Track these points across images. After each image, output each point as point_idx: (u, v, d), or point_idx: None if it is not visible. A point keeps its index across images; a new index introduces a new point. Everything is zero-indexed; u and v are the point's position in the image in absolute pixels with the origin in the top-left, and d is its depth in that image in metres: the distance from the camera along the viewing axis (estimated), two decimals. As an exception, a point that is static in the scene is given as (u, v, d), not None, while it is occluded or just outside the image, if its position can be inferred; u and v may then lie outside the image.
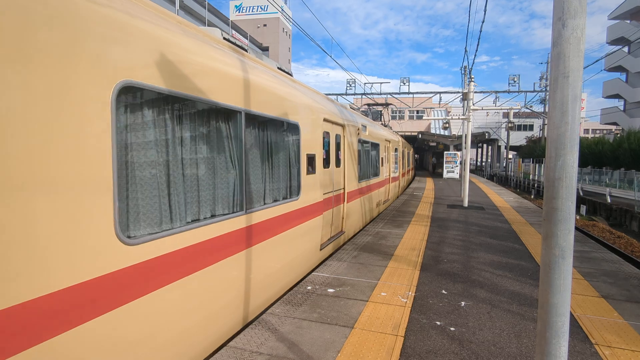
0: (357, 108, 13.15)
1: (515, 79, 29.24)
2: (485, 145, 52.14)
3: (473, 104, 14.03)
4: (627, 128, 30.95)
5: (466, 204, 12.74)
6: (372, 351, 3.27)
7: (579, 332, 3.67)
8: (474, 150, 58.76)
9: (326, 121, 6.28)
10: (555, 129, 1.69)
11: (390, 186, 13.70)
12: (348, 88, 30.79)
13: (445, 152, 30.41)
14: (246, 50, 4.45)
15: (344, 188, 7.36)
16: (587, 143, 30.64)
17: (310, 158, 5.41)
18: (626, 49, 36.02)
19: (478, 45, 12.42)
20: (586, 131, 65.80)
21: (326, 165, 6.32)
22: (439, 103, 32.85)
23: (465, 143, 14.19)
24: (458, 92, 29.81)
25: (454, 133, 34.12)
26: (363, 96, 20.82)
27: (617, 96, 37.88)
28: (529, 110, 31.92)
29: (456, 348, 3.35)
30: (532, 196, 24.25)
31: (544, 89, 33.67)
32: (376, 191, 10.76)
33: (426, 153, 52.13)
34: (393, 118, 50.64)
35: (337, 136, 7.01)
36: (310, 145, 5.42)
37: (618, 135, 31.78)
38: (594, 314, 4.08)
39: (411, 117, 51.49)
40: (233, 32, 36.26)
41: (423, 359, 3.16)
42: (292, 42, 59.77)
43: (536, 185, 26.61)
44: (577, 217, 15.81)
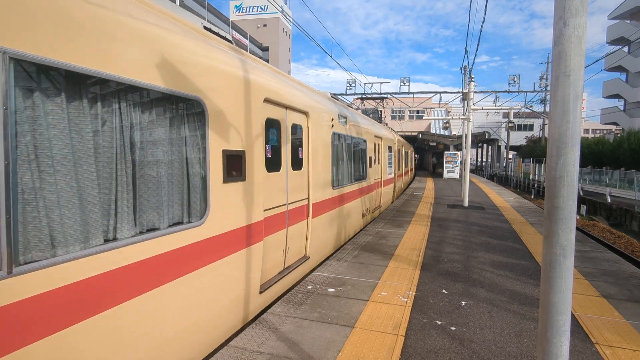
0: (357, 108, 12.95)
1: (515, 79, 29.23)
2: (485, 145, 52.17)
3: (473, 104, 14.04)
4: (627, 128, 30.97)
5: (466, 204, 12.74)
6: (373, 351, 3.27)
7: (580, 332, 3.67)
8: (474, 150, 58.76)
9: (270, 103, 4.54)
10: (556, 128, 1.70)
11: (382, 191, 12.02)
12: (348, 88, 30.78)
13: (445, 152, 30.43)
14: None
15: (309, 198, 5.70)
16: (587, 143, 30.65)
17: (232, 157, 3.70)
18: (626, 49, 36.03)
19: (478, 45, 12.44)
20: (586, 131, 65.77)
21: (273, 167, 4.65)
22: (439, 103, 32.82)
23: (465, 143, 14.20)
24: (458, 92, 29.80)
25: (454, 133, 34.14)
26: (363, 96, 20.85)
27: (617, 96, 37.89)
28: (529, 110, 31.92)
29: (457, 347, 3.35)
30: (532, 196, 24.24)
31: (544, 89, 33.66)
32: (361, 198, 9.02)
33: (426, 153, 52.15)
34: (393, 118, 50.65)
35: (297, 127, 5.40)
36: (232, 136, 3.69)
37: (618, 135, 31.81)
38: (595, 314, 4.08)
39: (411, 117, 51.49)
40: (233, 32, 36.27)
41: (424, 359, 3.17)
42: (293, 42, 59.85)
43: (536, 185, 26.60)
44: (578, 217, 15.79)
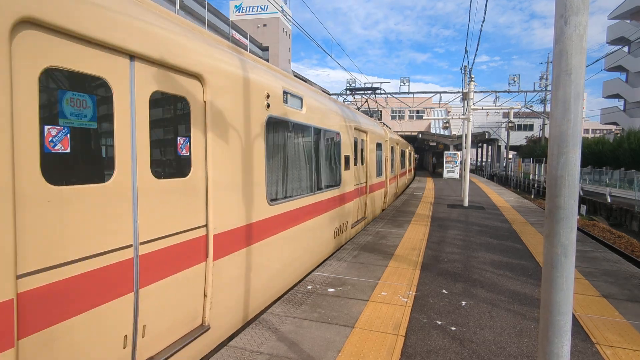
0: (358, 107, 12.82)
1: (515, 79, 29.27)
2: (485, 145, 52.16)
3: (473, 104, 14.03)
4: (627, 128, 30.98)
5: (466, 204, 12.73)
6: (373, 351, 3.26)
7: (580, 332, 3.66)
8: (474, 150, 58.77)
9: (87, 43, 2.23)
10: (557, 127, 1.68)
11: (368, 199, 9.65)
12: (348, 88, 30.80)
13: (445, 152, 30.41)
14: None
15: (207, 226, 3.34)
16: (587, 143, 30.65)
17: None
18: (626, 49, 36.03)
19: (478, 45, 12.42)
20: (586, 131, 65.76)
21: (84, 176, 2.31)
22: (439, 103, 32.86)
23: (465, 143, 14.19)
24: (458, 92, 29.80)
25: (454, 133, 34.14)
26: (363, 96, 20.88)
27: (617, 96, 37.90)
28: (529, 110, 31.94)
29: (457, 348, 3.34)
30: (532, 196, 24.23)
31: (544, 89, 33.67)
32: (332, 212, 6.71)
33: (426, 153, 52.12)
34: (393, 118, 50.63)
35: (171, 100, 2.94)
36: None
37: (618, 135, 31.81)
38: (595, 314, 4.08)
39: (411, 117, 51.46)
40: (233, 32, 36.23)
41: (424, 359, 3.16)
42: (293, 42, 59.82)
43: (536, 185, 26.60)
44: (578, 217, 15.75)
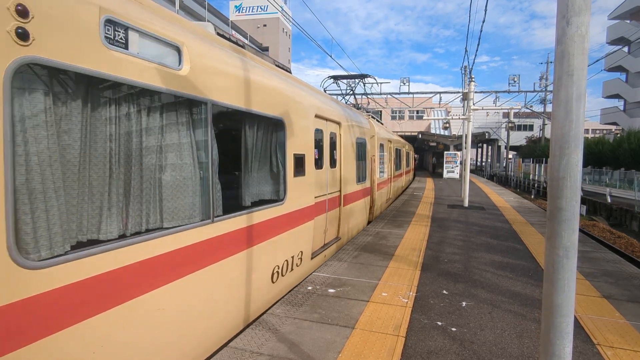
0: (359, 107, 12.63)
1: (515, 79, 29.23)
2: (485, 145, 52.14)
3: (473, 104, 14.02)
4: (627, 128, 30.97)
5: (466, 204, 12.72)
6: (374, 352, 3.25)
7: (581, 333, 3.65)
8: (474, 150, 58.73)
9: None
10: (559, 128, 1.67)
11: (340, 213, 7.20)
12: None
13: (445, 152, 30.41)
14: None
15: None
16: (587, 143, 30.64)
17: None
18: (626, 49, 36.02)
19: (478, 45, 12.41)
20: (586, 131, 65.72)
21: None
22: (439, 103, 32.80)
23: (465, 143, 14.19)
24: (458, 92, 29.77)
25: (454, 133, 34.11)
26: (363, 96, 20.80)
27: (617, 96, 37.91)
28: (529, 110, 31.92)
29: (457, 348, 3.33)
30: (533, 196, 24.23)
31: (544, 89, 33.66)
32: (268, 242, 4.35)
33: (426, 153, 52.12)
34: (393, 118, 50.62)
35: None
36: None
37: (618, 135, 31.81)
38: (596, 314, 4.07)
39: (411, 117, 51.43)
40: (233, 32, 36.24)
41: (424, 360, 3.15)
42: (293, 43, 59.81)
43: (536, 185, 26.59)
44: (578, 217, 15.74)
